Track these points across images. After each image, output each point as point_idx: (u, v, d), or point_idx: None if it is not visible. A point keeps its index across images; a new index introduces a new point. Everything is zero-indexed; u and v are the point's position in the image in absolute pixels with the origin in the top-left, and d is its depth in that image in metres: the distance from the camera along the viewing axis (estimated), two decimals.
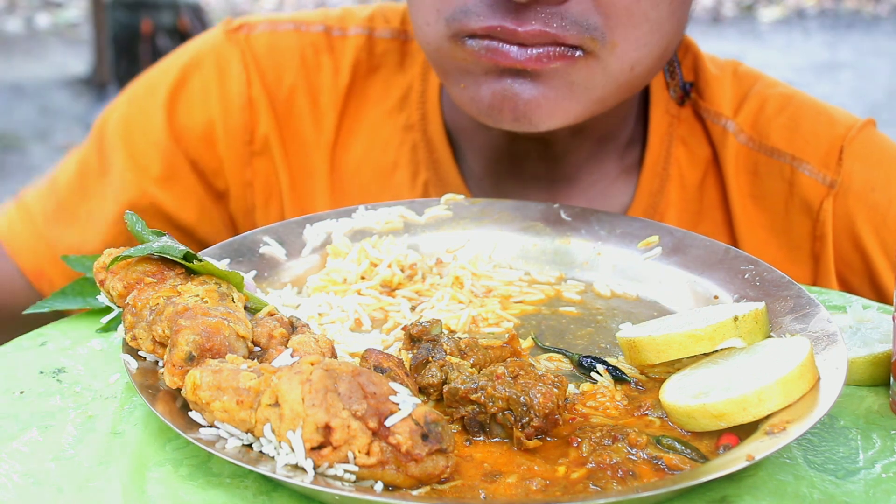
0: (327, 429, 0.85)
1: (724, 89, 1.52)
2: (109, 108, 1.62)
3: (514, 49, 1.24)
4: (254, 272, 1.22)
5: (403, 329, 1.11)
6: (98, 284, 1.07)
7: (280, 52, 1.57)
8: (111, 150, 1.57)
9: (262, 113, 1.55)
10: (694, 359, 1.05)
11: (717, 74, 1.53)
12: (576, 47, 1.24)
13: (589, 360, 1.09)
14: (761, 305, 1.07)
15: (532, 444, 0.94)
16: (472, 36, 1.25)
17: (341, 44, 1.58)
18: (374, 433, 0.86)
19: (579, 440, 0.94)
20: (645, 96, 1.53)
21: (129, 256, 1.05)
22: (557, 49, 1.24)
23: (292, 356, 0.94)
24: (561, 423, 0.96)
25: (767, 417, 0.93)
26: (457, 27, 1.26)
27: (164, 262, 1.05)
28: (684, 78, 1.53)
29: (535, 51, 1.24)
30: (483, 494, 0.88)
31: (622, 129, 1.52)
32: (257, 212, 1.57)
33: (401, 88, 1.57)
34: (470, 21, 1.24)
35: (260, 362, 0.95)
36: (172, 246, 1.05)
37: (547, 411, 0.94)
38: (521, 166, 1.51)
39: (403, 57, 1.57)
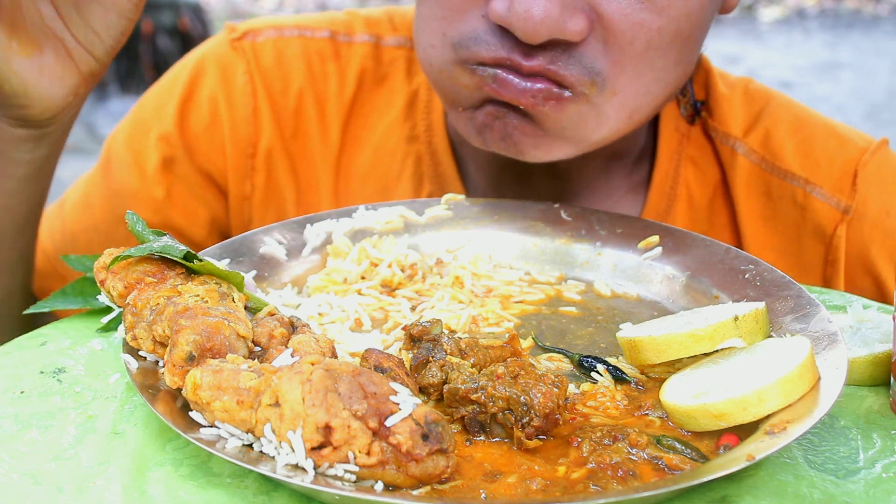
0: (327, 429, 0.85)
1: (735, 109, 1.50)
2: (116, 130, 1.60)
3: (515, 80, 1.21)
4: (254, 272, 1.22)
5: (404, 329, 1.11)
6: (98, 284, 1.07)
7: (286, 60, 1.55)
8: (119, 168, 1.56)
9: (266, 125, 1.54)
10: (694, 359, 1.05)
11: (727, 94, 1.51)
12: (566, 87, 1.22)
13: (589, 359, 1.09)
14: (761, 305, 1.07)
15: (532, 444, 0.94)
16: (480, 63, 1.23)
17: (347, 51, 1.56)
18: (375, 433, 0.86)
19: (579, 440, 0.94)
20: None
21: (130, 256, 1.05)
22: (552, 88, 1.21)
23: (293, 356, 0.94)
24: (561, 422, 0.96)
25: (768, 417, 0.93)
26: (464, 54, 1.23)
27: (165, 261, 1.05)
28: (696, 96, 1.51)
29: (533, 85, 1.21)
30: (483, 494, 0.88)
31: (631, 148, 1.50)
32: (254, 224, 1.55)
33: (406, 97, 1.55)
34: (479, 49, 1.22)
35: (260, 362, 0.95)
36: (173, 246, 1.05)
37: (547, 411, 0.94)
38: (525, 182, 1.48)
39: (410, 65, 1.55)
